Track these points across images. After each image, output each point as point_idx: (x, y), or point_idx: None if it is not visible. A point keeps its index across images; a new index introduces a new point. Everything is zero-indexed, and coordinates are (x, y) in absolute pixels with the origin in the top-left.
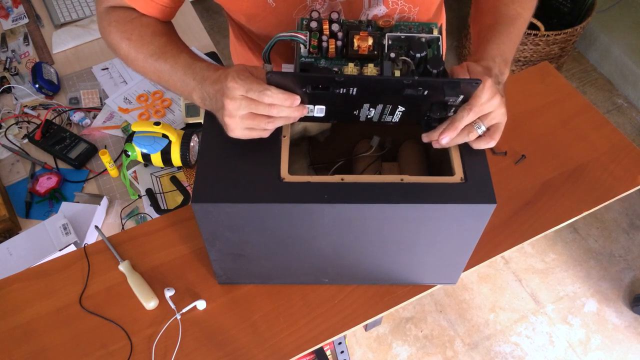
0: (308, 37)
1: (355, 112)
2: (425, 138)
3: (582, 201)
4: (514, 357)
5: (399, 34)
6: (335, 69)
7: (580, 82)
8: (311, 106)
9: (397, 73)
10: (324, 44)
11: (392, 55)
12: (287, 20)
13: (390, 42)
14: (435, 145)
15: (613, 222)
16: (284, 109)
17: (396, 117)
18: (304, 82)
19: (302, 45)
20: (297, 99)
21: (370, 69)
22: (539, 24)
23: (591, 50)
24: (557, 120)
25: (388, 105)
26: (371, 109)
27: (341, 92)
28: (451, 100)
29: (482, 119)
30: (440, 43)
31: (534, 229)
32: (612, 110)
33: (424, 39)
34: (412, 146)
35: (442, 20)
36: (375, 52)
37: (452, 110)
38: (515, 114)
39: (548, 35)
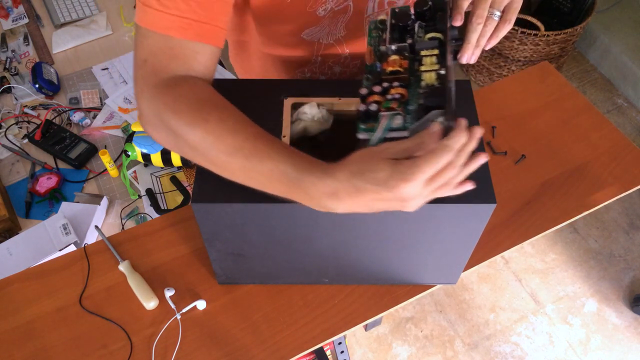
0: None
1: None
2: (464, 59)
3: (582, 201)
4: (514, 357)
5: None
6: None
7: (580, 82)
8: None
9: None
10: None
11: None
12: (303, 13)
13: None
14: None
15: (613, 222)
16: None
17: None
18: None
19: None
20: (478, 130)
21: (429, 76)
22: (539, 24)
23: (591, 50)
24: (557, 120)
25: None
26: None
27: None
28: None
29: (493, 6)
30: None
31: (534, 229)
32: (612, 110)
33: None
34: None
35: None
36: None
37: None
38: (515, 114)
39: (548, 35)
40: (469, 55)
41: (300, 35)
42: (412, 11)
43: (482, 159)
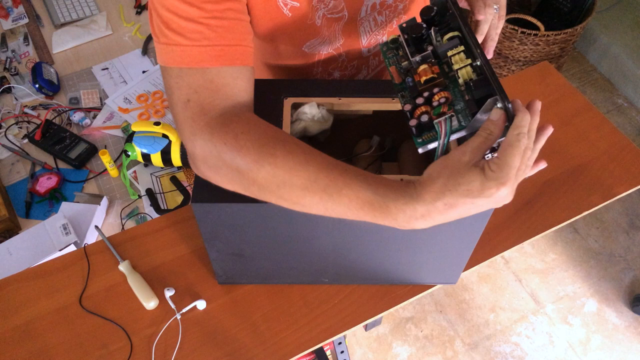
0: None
1: None
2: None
3: (582, 201)
4: (514, 357)
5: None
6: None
7: (580, 82)
8: None
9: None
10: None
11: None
12: (304, 26)
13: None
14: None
15: (613, 222)
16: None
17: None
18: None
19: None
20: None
21: (466, 71)
22: (539, 24)
23: (591, 50)
24: (557, 120)
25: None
26: None
27: None
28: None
29: (489, 3)
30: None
31: (534, 229)
32: (612, 110)
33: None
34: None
35: None
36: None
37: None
38: None
39: (548, 35)
40: (489, 48)
41: (301, 48)
42: (420, 20)
43: (549, 130)
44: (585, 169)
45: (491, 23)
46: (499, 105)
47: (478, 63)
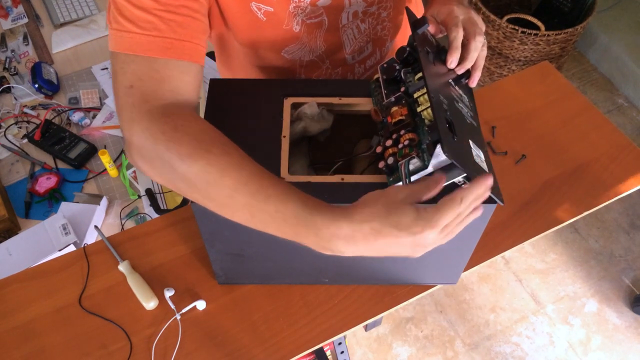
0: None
1: None
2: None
3: (582, 201)
4: (514, 357)
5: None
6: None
7: (580, 82)
8: None
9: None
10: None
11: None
12: (280, 31)
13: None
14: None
15: (613, 222)
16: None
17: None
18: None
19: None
20: (489, 178)
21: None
22: (539, 23)
23: (591, 50)
24: (557, 120)
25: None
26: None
27: None
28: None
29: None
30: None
31: (534, 229)
32: (612, 110)
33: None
34: None
35: None
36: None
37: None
38: (515, 113)
39: (548, 35)
40: (475, 77)
41: (280, 53)
42: (397, 61)
43: (478, 213)
44: (585, 169)
45: (480, 53)
46: (444, 153)
47: (428, 108)
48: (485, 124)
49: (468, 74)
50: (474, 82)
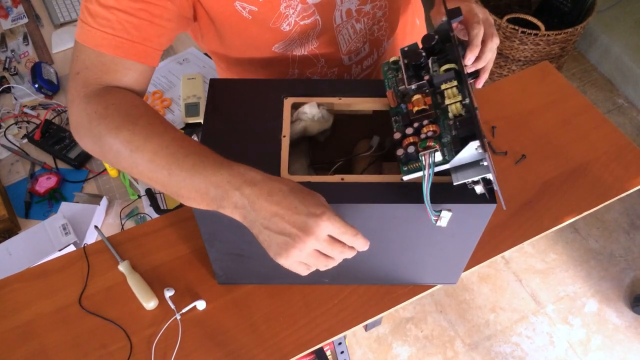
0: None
1: None
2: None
3: (582, 201)
4: (515, 357)
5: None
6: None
7: (580, 82)
8: None
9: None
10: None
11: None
12: (267, 29)
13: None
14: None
15: (613, 222)
16: (352, 252)
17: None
18: None
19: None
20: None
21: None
22: (539, 23)
23: (591, 50)
24: (557, 120)
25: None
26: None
27: None
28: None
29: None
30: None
31: (534, 229)
32: (612, 110)
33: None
34: None
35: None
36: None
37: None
38: (515, 113)
39: (548, 35)
40: (482, 79)
41: (271, 49)
42: (421, 47)
43: (353, 252)
44: (585, 169)
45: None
46: (479, 149)
47: (467, 102)
48: (485, 124)
49: (476, 74)
50: (480, 84)
